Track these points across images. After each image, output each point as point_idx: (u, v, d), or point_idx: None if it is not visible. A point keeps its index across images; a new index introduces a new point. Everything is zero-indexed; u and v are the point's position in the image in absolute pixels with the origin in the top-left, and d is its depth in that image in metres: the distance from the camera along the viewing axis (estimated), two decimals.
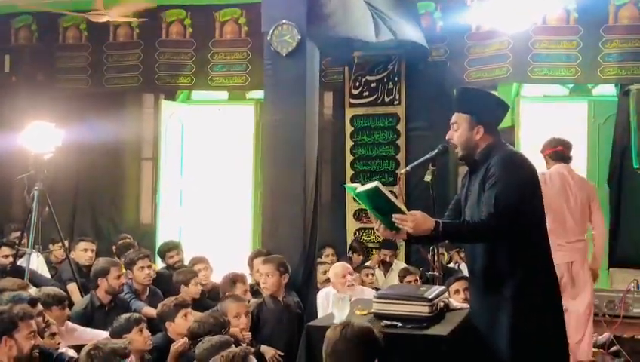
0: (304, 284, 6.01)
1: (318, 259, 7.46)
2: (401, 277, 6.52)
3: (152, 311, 5.33)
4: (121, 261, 6.17)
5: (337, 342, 2.95)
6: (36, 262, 6.67)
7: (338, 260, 7.84)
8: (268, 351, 5.01)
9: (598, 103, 8.50)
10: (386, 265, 7.73)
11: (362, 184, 3.48)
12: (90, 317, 5.33)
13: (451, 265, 7.60)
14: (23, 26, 10.06)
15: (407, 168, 3.92)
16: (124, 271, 5.79)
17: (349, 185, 3.69)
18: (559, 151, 6.05)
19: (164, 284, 6.14)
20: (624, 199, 8.16)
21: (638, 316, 5.74)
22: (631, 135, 7.55)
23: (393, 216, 3.39)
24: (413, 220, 3.36)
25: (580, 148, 8.63)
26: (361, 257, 8.04)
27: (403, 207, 3.43)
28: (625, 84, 8.00)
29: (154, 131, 9.70)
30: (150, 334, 4.58)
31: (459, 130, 3.64)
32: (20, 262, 6.55)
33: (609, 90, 8.59)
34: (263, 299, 5.36)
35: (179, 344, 4.52)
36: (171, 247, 7.10)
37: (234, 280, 5.63)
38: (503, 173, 3.42)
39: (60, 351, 4.15)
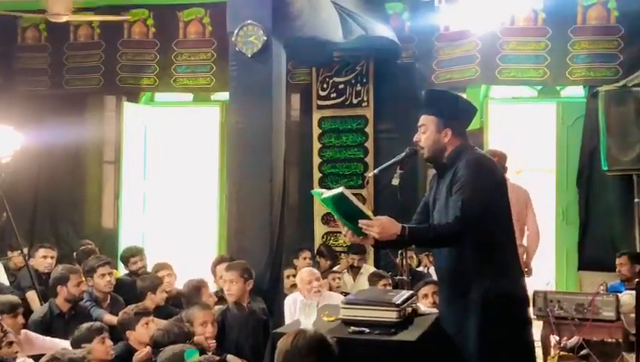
0: (271, 290, 5.98)
1: (294, 262, 7.47)
2: (373, 282, 6.51)
3: (113, 319, 5.28)
4: (81, 268, 6.09)
5: (288, 352, 2.91)
6: None
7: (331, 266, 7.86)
8: (234, 360, 4.97)
9: (566, 105, 8.58)
10: (354, 270, 7.72)
11: (330, 188, 3.49)
12: (49, 326, 5.25)
13: (420, 268, 7.61)
14: None
15: (375, 171, 3.92)
16: (84, 278, 5.72)
17: (315, 190, 3.67)
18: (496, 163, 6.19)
19: (126, 291, 6.08)
20: (593, 201, 8.25)
21: (608, 319, 5.78)
22: (599, 137, 7.62)
23: (359, 221, 3.40)
24: (380, 225, 3.37)
25: (549, 150, 8.74)
26: (329, 262, 8.03)
27: (369, 213, 3.43)
28: (593, 85, 8.07)
29: (116, 134, 9.60)
30: (112, 343, 4.52)
31: (426, 133, 3.65)
32: None
33: (577, 92, 8.68)
34: (227, 306, 5.33)
35: (142, 353, 4.47)
36: (134, 253, 7.03)
37: (198, 286, 5.59)
38: (469, 176, 3.44)
39: (17, 360, 4.08)
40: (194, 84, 9.53)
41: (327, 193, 3.43)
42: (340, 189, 3.38)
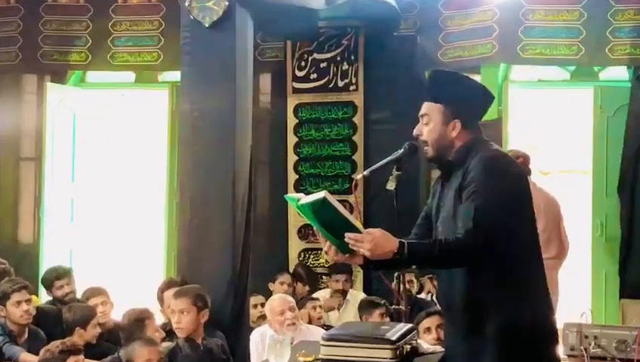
0: (233, 322, 5.99)
1: (270, 287, 7.46)
2: (364, 312, 6.50)
3: (31, 359, 5.24)
4: None
5: None
6: None
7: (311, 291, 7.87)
8: None
9: (606, 90, 8.61)
10: (339, 296, 7.74)
11: (309, 193, 3.47)
12: None
13: (422, 295, 7.64)
14: None
15: (365, 172, 3.90)
16: None
17: (290, 195, 3.66)
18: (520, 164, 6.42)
19: (48, 323, 6.04)
20: (638, 212, 8.29)
21: None
22: None
23: (346, 235, 3.39)
24: (371, 240, 3.35)
25: (584, 147, 8.78)
26: (307, 287, 8.03)
27: (358, 224, 3.42)
28: None
29: (37, 123, 9.55)
30: None
31: (430, 124, 3.65)
32: None
33: (620, 74, 8.73)
34: (176, 343, 5.31)
35: None
36: (60, 275, 6.97)
37: (141, 318, 5.56)
38: (484, 179, 3.44)
39: None
40: (136, 60, 9.52)
41: (305, 199, 3.41)
42: (321, 194, 3.37)
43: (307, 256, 8.88)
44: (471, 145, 3.60)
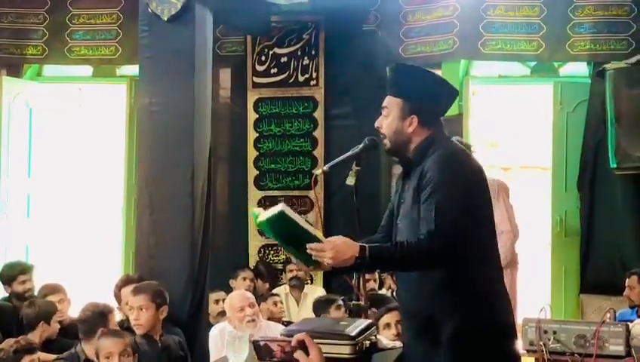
0: (192, 319, 5.97)
1: (231, 283, 7.45)
2: (321, 308, 6.49)
3: None
4: None
5: None
6: None
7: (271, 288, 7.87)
8: None
9: (566, 86, 8.68)
10: (297, 289, 7.77)
11: (267, 189, 3.47)
12: None
13: (383, 291, 7.66)
14: None
15: (325, 168, 3.89)
16: None
17: (254, 210, 3.65)
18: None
19: (4, 321, 5.99)
20: (598, 207, 8.38)
21: (615, 354, 5.84)
22: (606, 126, 7.74)
23: (307, 246, 3.39)
24: (332, 248, 3.35)
25: (544, 142, 8.85)
26: (267, 285, 8.03)
27: (319, 234, 3.41)
28: (599, 62, 8.18)
29: None
30: None
31: (389, 118, 3.65)
32: None
33: (580, 70, 8.81)
34: (134, 340, 5.29)
35: None
36: (22, 270, 6.94)
37: (102, 313, 5.52)
38: (442, 178, 3.45)
39: None
40: (94, 54, 9.45)
41: (264, 214, 3.40)
42: (279, 207, 3.36)
43: (267, 252, 8.88)
44: (429, 142, 3.59)
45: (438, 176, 3.44)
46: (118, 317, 5.98)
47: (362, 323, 3.73)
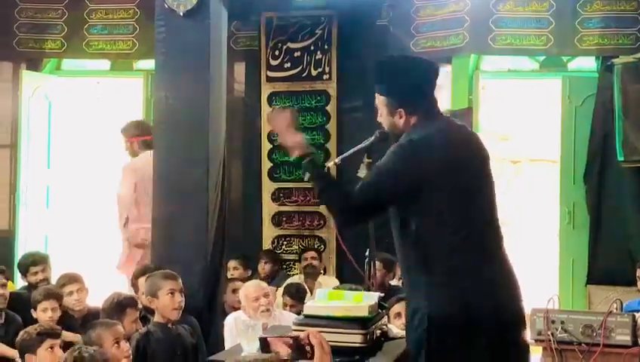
0: (206, 308, 5.97)
1: (229, 274, 7.47)
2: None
3: (6, 351, 5.22)
4: None
5: None
6: None
7: (251, 276, 7.86)
8: None
9: (574, 80, 8.65)
10: (311, 278, 7.78)
11: (282, 181, 3.51)
12: None
13: (395, 281, 7.65)
14: None
15: (337, 160, 3.94)
16: None
17: None
18: (149, 141, 7.05)
19: (22, 309, 6.01)
20: (605, 200, 8.33)
21: (623, 344, 5.83)
22: (614, 120, 7.71)
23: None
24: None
25: (552, 136, 8.82)
26: (270, 265, 8.07)
27: None
28: (608, 56, 8.15)
29: (12, 110, 9.47)
30: None
31: (382, 116, 3.70)
32: None
33: (588, 65, 8.76)
34: (147, 328, 5.30)
35: None
36: (37, 260, 6.95)
37: (123, 304, 5.53)
38: (387, 158, 3.51)
39: None
40: (112, 48, 9.47)
41: None
42: None
43: (280, 242, 8.88)
44: (413, 129, 3.59)
45: (387, 155, 3.53)
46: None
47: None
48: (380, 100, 3.67)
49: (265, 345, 3.30)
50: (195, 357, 5.12)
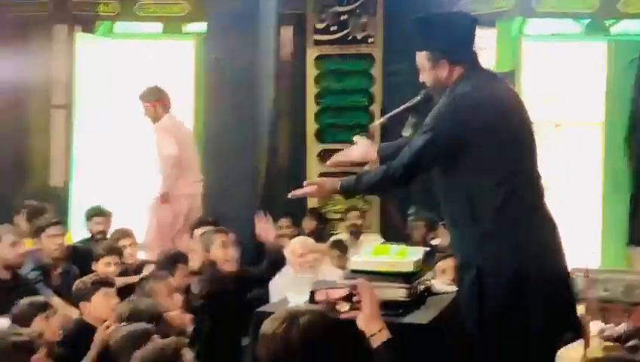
0: (253, 265, 6.07)
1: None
2: None
3: (58, 301, 5.34)
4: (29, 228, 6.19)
5: (277, 344, 2.70)
6: None
7: (298, 234, 7.93)
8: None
9: (618, 44, 8.57)
10: (354, 235, 7.83)
11: (328, 143, 3.57)
12: None
13: (435, 242, 7.67)
14: None
15: (382, 119, 3.94)
16: (26, 240, 5.80)
17: None
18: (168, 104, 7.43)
19: (80, 261, 6.15)
20: None
21: None
22: None
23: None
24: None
25: (596, 99, 8.75)
26: (315, 223, 8.12)
27: None
28: None
29: (67, 72, 9.58)
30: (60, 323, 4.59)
31: (424, 73, 3.67)
32: None
33: (632, 28, 8.66)
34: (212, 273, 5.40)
35: (108, 327, 4.46)
36: (102, 213, 7.19)
37: (175, 259, 5.64)
38: (433, 116, 3.51)
39: None
40: (164, 12, 9.53)
41: None
42: None
43: (325, 203, 8.91)
44: (456, 83, 3.57)
45: (432, 117, 3.51)
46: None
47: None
48: (421, 56, 3.66)
49: (314, 297, 3.35)
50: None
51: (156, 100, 7.58)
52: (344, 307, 3.21)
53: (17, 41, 9.55)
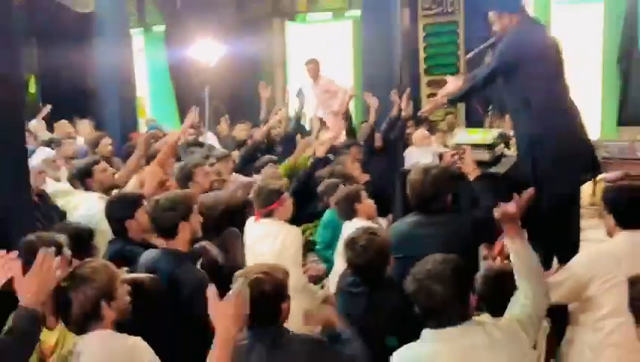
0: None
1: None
2: None
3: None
4: None
5: (417, 185, 2.82)
6: (210, 138, 6.71)
7: None
8: None
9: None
10: (449, 128, 7.29)
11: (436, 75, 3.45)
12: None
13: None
14: None
15: (470, 55, 3.80)
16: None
17: None
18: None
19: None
20: (630, 74, 7.49)
21: None
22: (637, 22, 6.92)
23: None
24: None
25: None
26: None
27: None
28: None
29: (283, 52, 9.46)
30: None
31: (495, 24, 3.41)
32: (201, 139, 6.34)
33: None
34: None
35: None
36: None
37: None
38: (503, 45, 3.30)
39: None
40: (334, 5, 9.34)
41: None
42: None
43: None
44: (514, 26, 3.35)
45: (506, 38, 3.32)
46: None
47: (495, 133, 3.67)
48: (492, 15, 3.41)
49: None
50: None
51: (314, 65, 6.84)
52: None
53: (253, 32, 9.25)
